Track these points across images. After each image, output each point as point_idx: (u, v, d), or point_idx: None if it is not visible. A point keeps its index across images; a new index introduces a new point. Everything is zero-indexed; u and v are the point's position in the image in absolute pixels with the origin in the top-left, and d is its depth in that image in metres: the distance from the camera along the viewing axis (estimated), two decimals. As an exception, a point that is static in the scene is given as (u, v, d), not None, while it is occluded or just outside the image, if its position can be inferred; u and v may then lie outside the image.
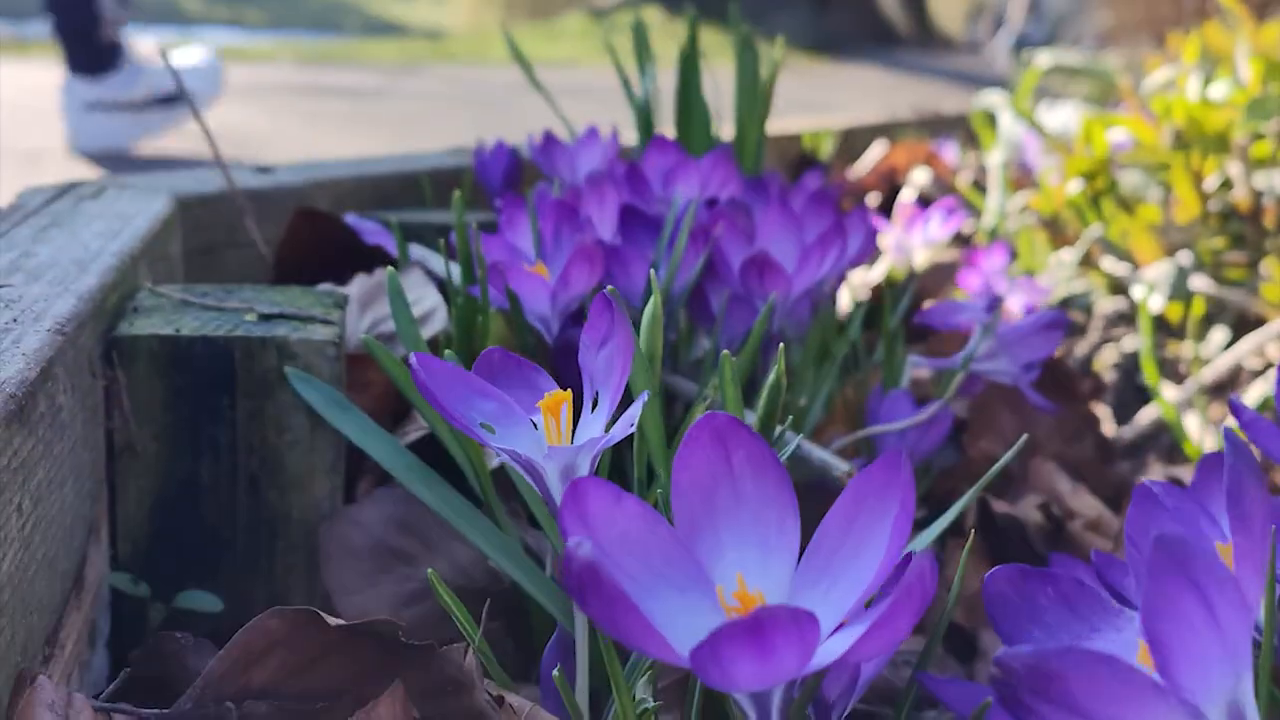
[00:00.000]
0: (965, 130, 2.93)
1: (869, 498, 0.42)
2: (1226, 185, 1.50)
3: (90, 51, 2.84)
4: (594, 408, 0.54)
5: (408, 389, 0.67)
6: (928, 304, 1.21)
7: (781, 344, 0.60)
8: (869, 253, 1.27)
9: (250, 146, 2.73)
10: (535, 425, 0.53)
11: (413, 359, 0.52)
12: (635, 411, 0.50)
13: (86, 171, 2.36)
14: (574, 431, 0.53)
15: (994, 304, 0.94)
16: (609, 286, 0.55)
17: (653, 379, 0.58)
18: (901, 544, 0.39)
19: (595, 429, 0.53)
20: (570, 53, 8.10)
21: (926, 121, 2.72)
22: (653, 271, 0.65)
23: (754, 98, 1.20)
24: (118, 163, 2.56)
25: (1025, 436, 0.64)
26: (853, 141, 2.26)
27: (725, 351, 0.59)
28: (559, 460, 0.51)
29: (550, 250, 0.82)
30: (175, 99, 2.80)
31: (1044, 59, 1.94)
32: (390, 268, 0.71)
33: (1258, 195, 1.41)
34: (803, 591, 0.42)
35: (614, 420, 0.52)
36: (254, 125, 3.15)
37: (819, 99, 6.12)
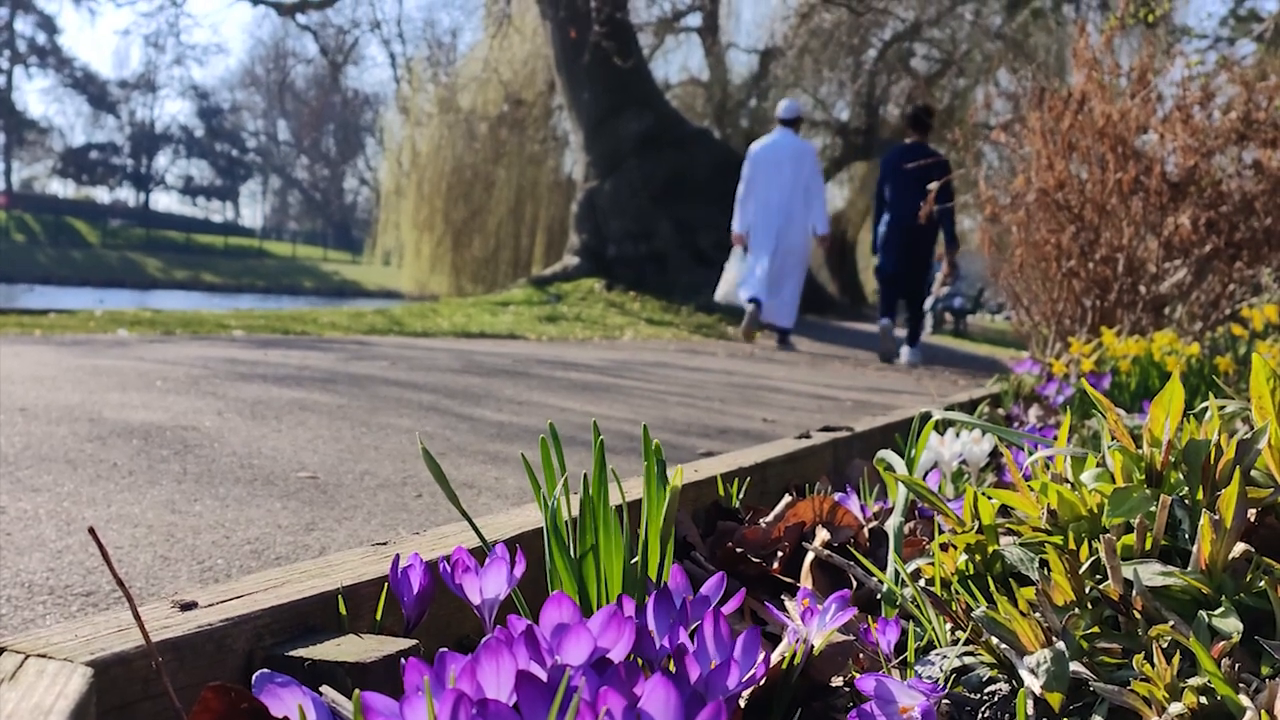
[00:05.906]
0: (880, 443, 3.10)
1: None
2: (1100, 570, 1.62)
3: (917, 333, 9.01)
4: None
5: None
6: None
7: None
8: (762, 673, 1.35)
9: (196, 454, 2.79)
10: None
11: None
12: None
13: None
14: None
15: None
16: None
17: None
18: None
19: None
20: (511, 324, 8.50)
21: (841, 441, 2.88)
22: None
23: (660, 516, 1.31)
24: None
25: None
26: (766, 474, 2.39)
27: None
28: None
29: (444, 747, 0.89)
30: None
31: (938, 413, 2.10)
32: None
33: (1128, 584, 1.52)
34: None
35: None
36: (201, 424, 3.23)
37: (751, 377, 6.40)
